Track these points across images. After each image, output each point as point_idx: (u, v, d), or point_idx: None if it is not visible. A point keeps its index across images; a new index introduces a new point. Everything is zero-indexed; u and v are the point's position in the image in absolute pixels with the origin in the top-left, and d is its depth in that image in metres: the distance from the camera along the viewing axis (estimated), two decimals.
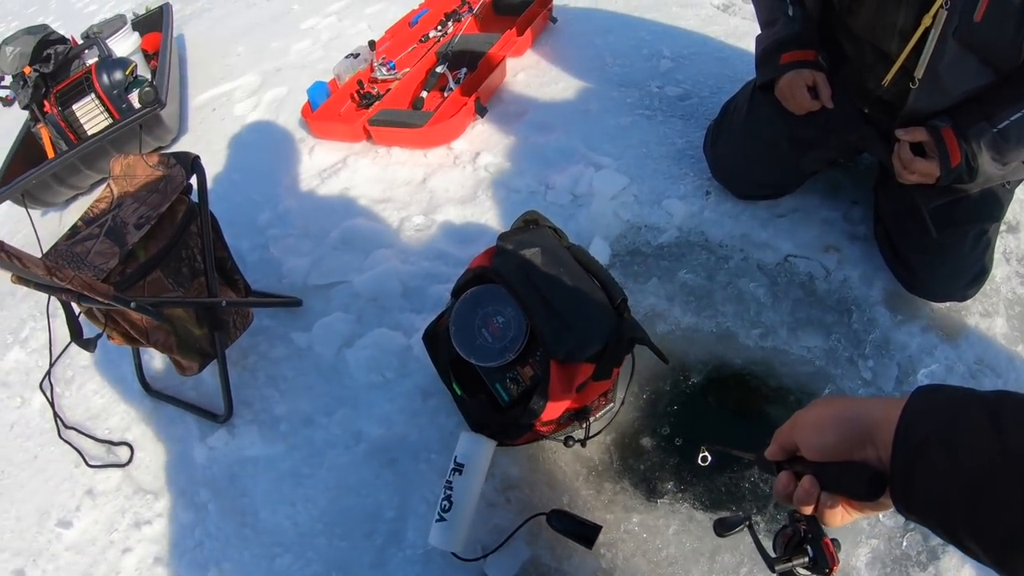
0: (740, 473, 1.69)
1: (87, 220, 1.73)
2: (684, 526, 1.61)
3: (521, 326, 1.48)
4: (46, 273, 1.27)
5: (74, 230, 1.76)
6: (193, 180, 1.80)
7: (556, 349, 1.43)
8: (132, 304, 1.45)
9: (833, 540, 0.82)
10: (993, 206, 1.90)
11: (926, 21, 1.64)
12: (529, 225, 1.70)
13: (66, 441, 2.14)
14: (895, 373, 1.87)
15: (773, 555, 0.87)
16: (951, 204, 1.86)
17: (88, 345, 1.63)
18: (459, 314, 1.55)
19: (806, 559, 0.82)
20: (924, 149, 1.77)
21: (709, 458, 1.10)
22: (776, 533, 0.89)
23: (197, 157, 1.80)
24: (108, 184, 1.79)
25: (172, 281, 1.69)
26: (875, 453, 0.73)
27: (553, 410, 1.49)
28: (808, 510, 0.80)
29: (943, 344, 1.92)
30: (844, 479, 0.75)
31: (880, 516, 1.59)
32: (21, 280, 1.36)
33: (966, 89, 1.72)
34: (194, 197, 1.83)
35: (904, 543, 1.55)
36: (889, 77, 1.81)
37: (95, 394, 2.25)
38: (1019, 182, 1.96)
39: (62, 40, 3.54)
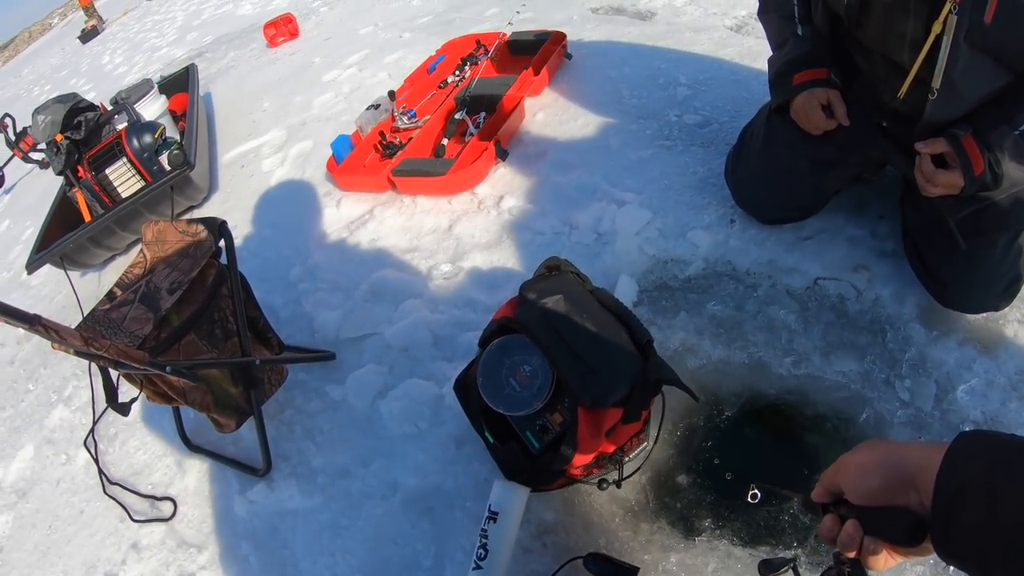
0: (779, 507, 1.66)
1: (122, 286, 1.79)
2: (723, 563, 1.58)
3: (547, 375, 1.49)
4: (83, 344, 1.31)
5: (110, 295, 1.81)
6: (221, 244, 1.85)
7: (583, 396, 1.44)
8: (168, 369, 1.49)
9: None
10: (1019, 211, 1.85)
11: (936, 28, 1.61)
12: (551, 272, 1.72)
13: (111, 496, 2.20)
14: (933, 392, 1.83)
15: None
16: (978, 213, 1.83)
17: (123, 409, 1.67)
18: (486, 364, 1.56)
19: None
20: (946, 160, 1.76)
21: (759, 495, 1.10)
22: (827, 569, 0.88)
23: (224, 222, 1.85)
24: (141, 249, 1.85)
25: (206, 343, 1.74)
26: (917, 498, 0.73)
27: (583, 455, 1.49)
28: (852, 553, 0.81)
29: (981, 357, 1.88)
30: (886, 524, 0.76)
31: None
32: (61, 346, 1.41)
33: (983, 93, 1.70)
34: (223, 259, 1.88)
35: (951, 570, 1.50)
36: (904, 88, 1.79)
37: (138, 450, 2.32)
38: None
39: (91, 107, 3.69)
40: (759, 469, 1.78)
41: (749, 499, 1.08)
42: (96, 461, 2.32)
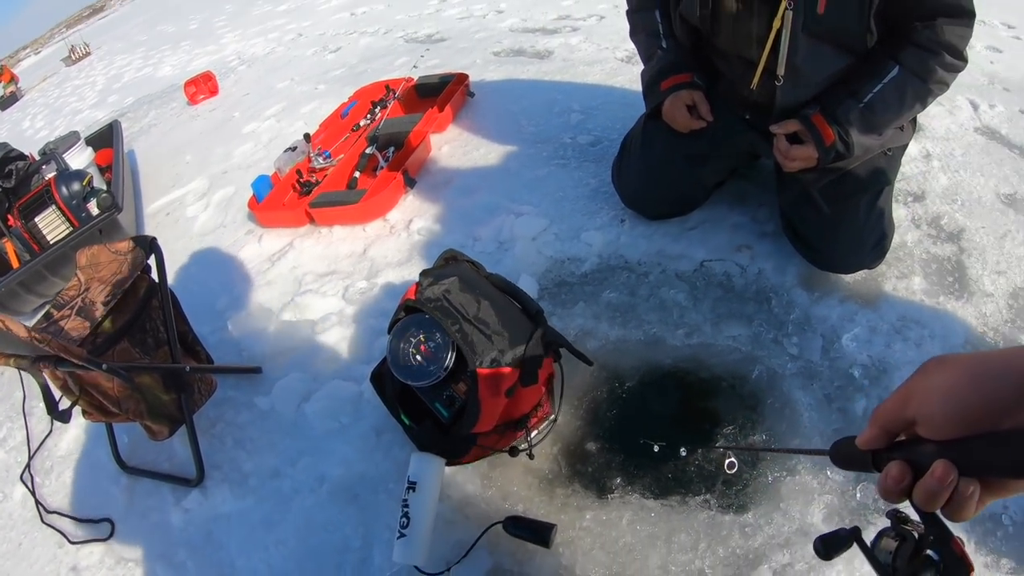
0: (687, 463, 1.80)
1: (58, 305, 1.90)
2: (637, 515, 1.71)
3: (447, 345, 1.65)
4: (27, 335, 1.44)
5: (47, 316, 1.92)
6: (152, 259, 1.99)
7: (479, 358, 1.60)
8: (104, 366, 1.62)
9: (960, 540, 0.66)
10: (877, 174, 2.06)
11: (776, 24, 1.85)
12: (448, 261, 1.90)
13: (49, 525, 2.24)
14: (820, 344, 2.01)
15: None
16: (837, 180, 2.04)
17: (63, 416, 1.78)
18: (393, 343, 1.72)
19: (934, 571, 0.67)
20: (800, 138, 1.98)
21: (736, 463, 1.15)
22: (873, 543, 0.74)
23: (154, 238, 2.00)
24: (76, 274, 1.97)
25: (139, 351, 1.86)
26: None
27: (488, 416, 1.64)
28: (935, 506, 0.63)
29: (863, 309, 2.08)
30: (1000, 455, 0.59)
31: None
32: (2, 357, 1.53)
33: (827, 75, 1.93)
34: (154, 275, 2.02)
35: (858, 494, 1.63)
36: (756, 80, 2.02)
37: (74, 480, 2.37)
38: (902, 148, 2.14)
39: (21, 156, 3.78)
40: (663, 430, 1.91)
41: (727, 469, 1.14)
42: (32, 493, 2.36)
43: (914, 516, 0.67)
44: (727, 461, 1.13)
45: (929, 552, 0.67)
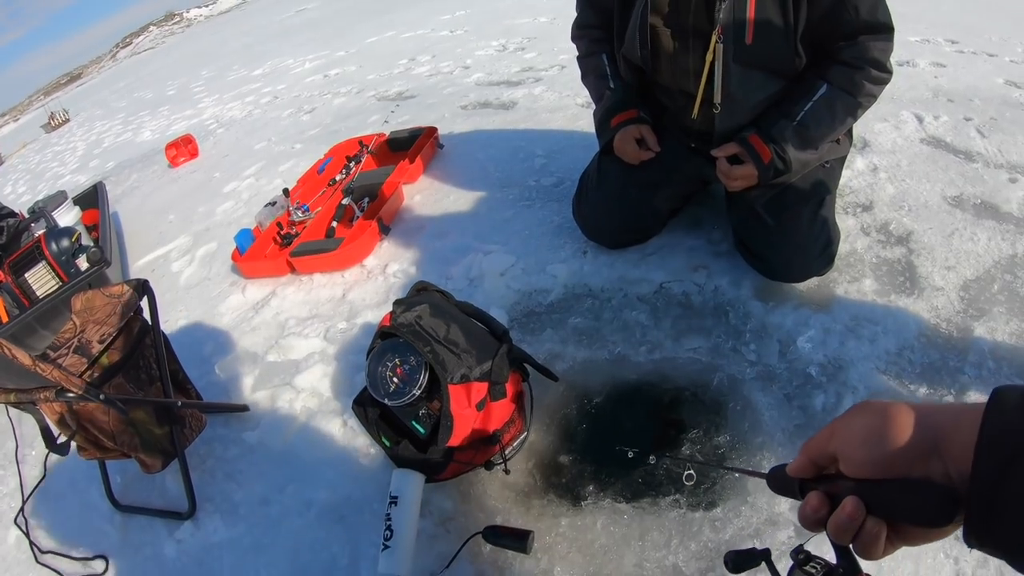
0: (656, 467, 1.90)
1: (54, 347, 2.00)
2: (610, 518, 1.80)
3: (421, 365, 1.78)
4: (31, 363, 1.56)
5: (44, 356, 1.99)
6: (144, 301, 2.13)
7: (449, 374, 1.74)
8: (102, 396, 1.74)
9: None
10: (818, 186, 2.22)
11: (709, 57, 2.02)
12: (420, 292, 2.06)
13: (44, 565, 2.29)
14: (777, 348, 2.14)
15: None
16: (780, 194, 2.20)
17: (61, 449, 1.89)
18: (371, 368, 1.85)
19: None
20: (740, 158, 2.14)
21: (694, 475, 1.17)
22: (791, 569, 0.76)
23: (146, 281, 2.13)
24: (71, 318, 2.08)
25: (133, 386, 1.97)
26: (941, 468, 0.62)
27: (461, 428, 1.77)
28: (844, 539, 0.67)
29: (817, 314, 2.20)
30: (905, 500, 0.63)
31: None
32: (2, 393, 1.64)
33: (761, 99, 2.11)
34: (146, 316, 2.15)
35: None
36: (696, 111, 2.19)
37: (68, 521, 2.43)
38: (840, 160, 2.32)
39: (12, 214, 3.89)
40: (632, 440, 2.02)
41: (684, 480, 1.18)
42: (27, 534, 2.41)
43: (825, 554, 0.72)
44: (685, 474, 1.18)
45: None
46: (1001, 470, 0.55)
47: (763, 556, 0.82)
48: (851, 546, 0.67)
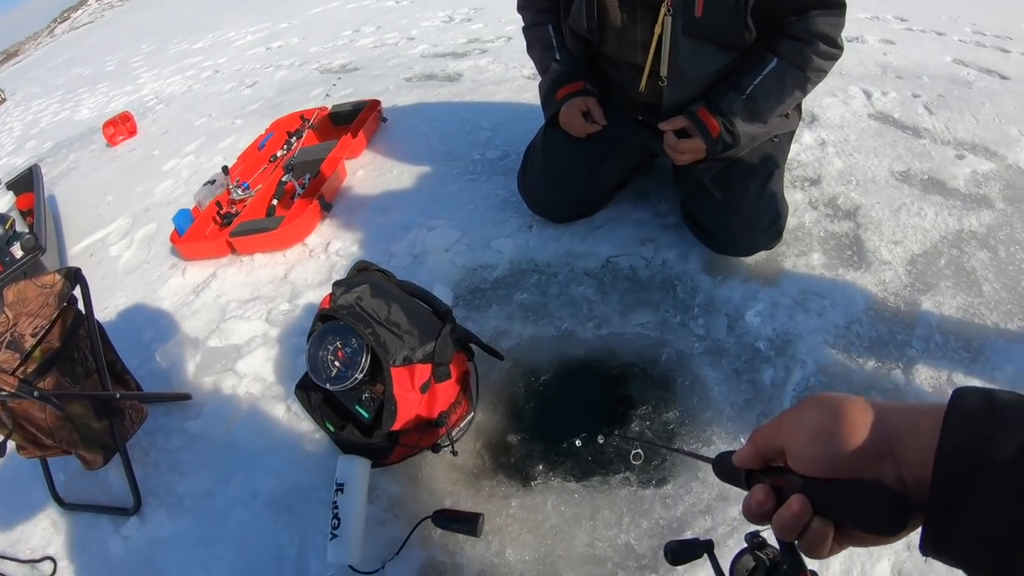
0: (605, 445, 1.87)
1: None
2: (560, 498, 1.78)
3: (362, 348, 1.71)
4: None
5: None
6: (77, 291, 2.01)
7: (392, 357, 1.68)
8: (36, 393, 1.64)
9: (812, 573, 0.65)
10: (766, 159, 2.19)
11: (657, 30, 1.96)
12: (360, 272, 1.98)
13: None
14: (725, 322, 2.12)
15: None
16: (728, 168, 2.16)
17: None
18: (312, 352, 1.77)
19: None
20: (688, 132, 2.09)
21: (642, 455, 1.14)
22: (733, 562, 0.73)
23: (78, 269, 2.01)
24: (3, 311, 1.97)
25: (68, 380, 1.87)
26: (894, 471, 0.58)
27: (405, 412, 1.71)
28: (789, 537, 0.63)
29: (765, 288, 2.19)
30: (853, 504, 0.59)
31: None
32: None
33: (709, 73, 2.05)
34: (80, 306, 2.04)
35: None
36: (643, 83, 2.14)
37: (13, 522, 2.33)
38: (789, 135, 2.28)
39: None
40: (580, 418, 1.98)
41: (632, 460, 1.15)
42: None
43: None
44: (632, 453, 1.15)
45: None
46: (962, 479, 0.51)
47: (705, 548, 0.78)
48: (796, 543, 0.63)
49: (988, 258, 2.24)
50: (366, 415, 1.76)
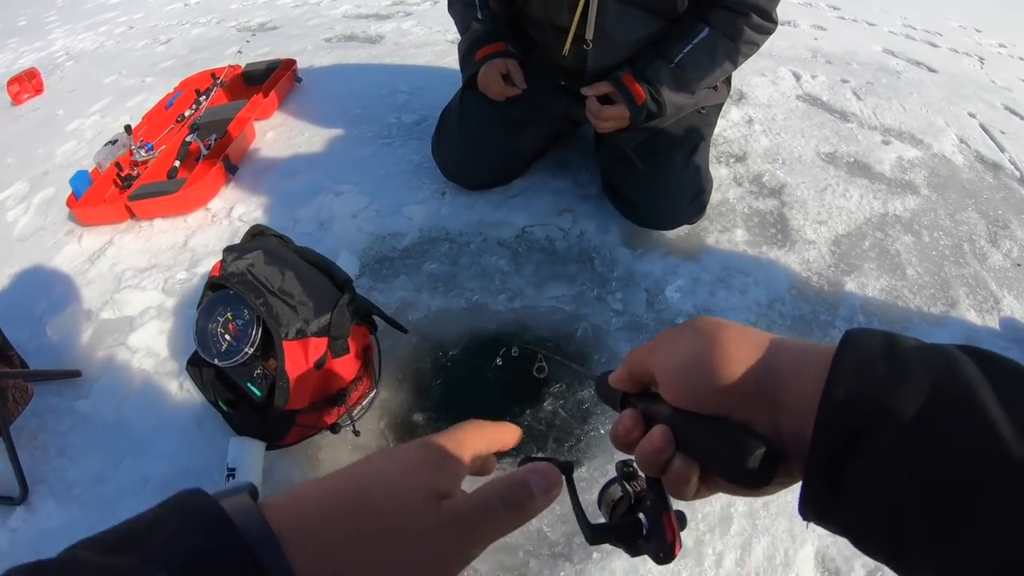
0: (535, 414, 1.78)
1: None
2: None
3: (254, 319, 1.58)
4: None
5: None
6: None
7: (284, 329, 1.55)
8: None
9: (678, 514, 0.58)
10: (692, 131, 2.11)
11: None
12: (255, 236, 1.83)
13: None
14: (644, 298, 2.05)
15: (595, 520, 0.64)
16: (651, 138, 2.08)
17: None
18: (200, 324, 1.64)
19: (638, 533, 0.59)
20: (612, 99, 1.99)
21: (546, 368, 1.08)
22: (601, 489, 0.67)
23: None
24: None
25: None
26: (770, 417, 0.51)
27: (300, 390, 1.59)
28: (650, 471, 0.58)
29: (686, 263, 2.12)
30: (716, 450, 0.52)
31: None
32: None
33: (637, 39, 1.95)
34: None
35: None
36: (567, 47, 2.02)
37: None
38: (717, 107, 2.21)
39: None
40: (489, 394, 1.89)
41: (535, 372, 1.09)
42: None
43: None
44: (536, 366, 1.06)
45: (640, 516, 0.60)
46: (851, 436, 0.44)
47: (564, 469, 0.65)
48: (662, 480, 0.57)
49: (912, 242, 2.27)
50: (258, 393, 1.64)
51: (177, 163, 2.95)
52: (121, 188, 3.00)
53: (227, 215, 2.67)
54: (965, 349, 0.46)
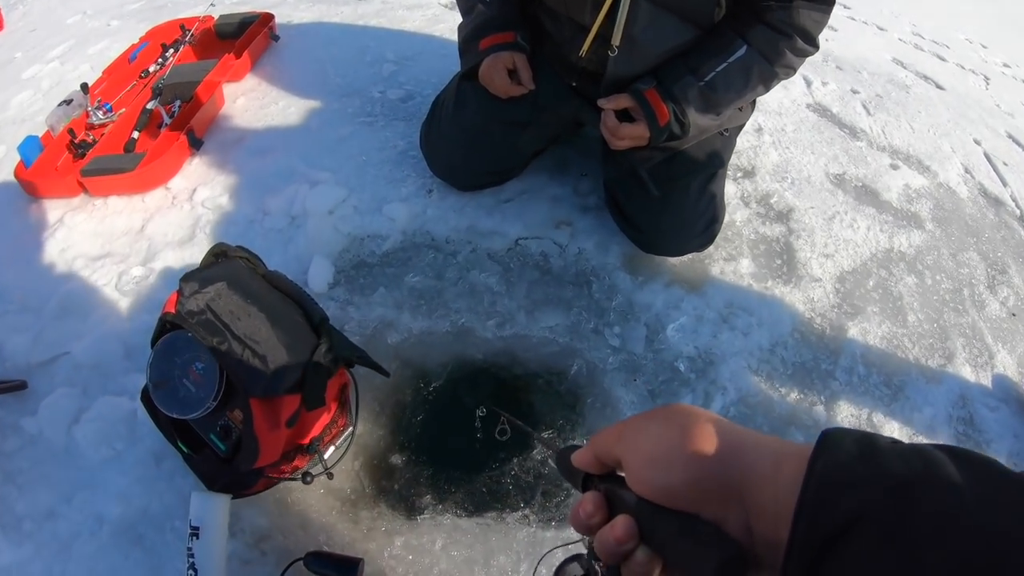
0: (500, 470, 1.61)
1: None
2: (451, 537, 1.51)
3: (214, 367, 1.32)
4: None
5: None
6: None
7: (252, 387, 1.28)
8: None
9: None
10: (712, 156, 1.87)
11: None
12: (218, 259, 1.52)
13: None
14: (644, 334, 1.85)
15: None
16: (669, 161, 1.83)
17: None
18: (155, 367, 1.36)
19: None
20: (632, 114, 1.73)
21: (508, 431, 1.01)
22: (563, 563, 0.67)
23: None
24: None
25: None
26: (740, 517, 0.48)
27: (269, 450, 1.34)
28: (609, 560, 0.54)
29: (689, 296, 1.93)
30: (684, 549, 0.49)
31: None
32: None
33: (667, 48, 1.67)
34: None
35: None
36: (586, 47, 1.73)
37: None
38: (738, 129, 1.96)
39: None
40: (474, 435, 1.68)
41: (497, 435, 1.00)
42: None
43: None
44: (498, 428, 1.01)
45: None
46: (824, 545, 0.41)
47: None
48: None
49: (915, 284, 2.14)
50: (222, 447, 1.38)
51: (136, 134, 2.57)
52: (75, 156, 2.64)
53: (189, 198, 2.32)
54: (942, 448, 0.44)
